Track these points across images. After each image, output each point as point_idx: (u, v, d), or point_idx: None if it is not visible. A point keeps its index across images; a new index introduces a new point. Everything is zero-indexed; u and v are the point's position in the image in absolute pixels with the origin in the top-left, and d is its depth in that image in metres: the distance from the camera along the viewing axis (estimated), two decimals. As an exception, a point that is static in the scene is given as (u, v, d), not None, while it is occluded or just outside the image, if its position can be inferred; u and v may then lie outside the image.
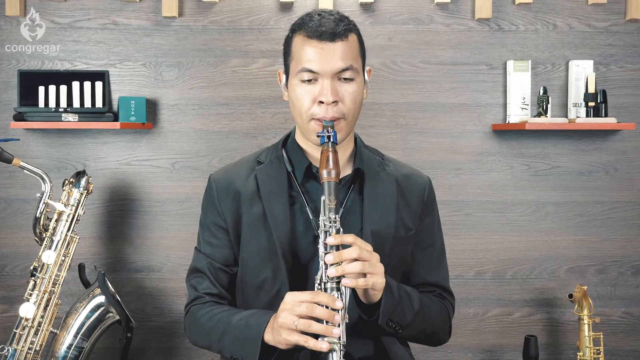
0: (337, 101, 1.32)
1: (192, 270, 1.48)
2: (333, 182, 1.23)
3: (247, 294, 1.43)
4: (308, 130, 1.35)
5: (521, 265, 2.50)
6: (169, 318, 2.49)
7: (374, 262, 1.22)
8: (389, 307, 1.27)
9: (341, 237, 1.20)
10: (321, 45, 1.31)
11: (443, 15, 2.47)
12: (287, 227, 1.36)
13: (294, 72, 1.36)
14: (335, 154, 1.27)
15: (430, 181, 1.53)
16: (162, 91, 2.46)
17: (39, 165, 2.23)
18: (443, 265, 1.53)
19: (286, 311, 1.19)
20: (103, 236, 2.48)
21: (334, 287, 1.18)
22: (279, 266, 1.36)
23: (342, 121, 1.34)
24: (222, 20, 2.46)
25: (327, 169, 1.24)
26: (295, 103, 1.36)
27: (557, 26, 2.47)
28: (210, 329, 1.37)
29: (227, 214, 1.42)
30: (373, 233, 1.37)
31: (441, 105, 2.48)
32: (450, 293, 1.53)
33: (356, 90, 1.34)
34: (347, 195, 1.41)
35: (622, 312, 2.52)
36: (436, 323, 1.43)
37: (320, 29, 1.31)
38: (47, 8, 2.44)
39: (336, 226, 1.21)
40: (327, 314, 1.16)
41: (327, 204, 1.23)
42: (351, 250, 1.19)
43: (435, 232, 1.52)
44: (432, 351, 2.46)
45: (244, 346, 1.29)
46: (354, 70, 1.33)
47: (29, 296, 2.09)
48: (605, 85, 2.45)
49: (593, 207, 2.50)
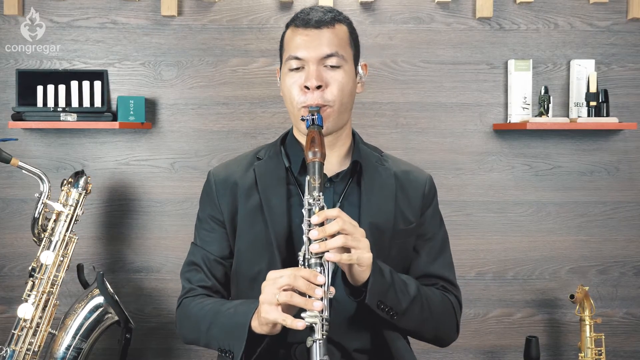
0: (321, 86, 1.32)
1: (187, 264, 1.48)
2: (318, 162, 1.22)
3: (241, 286, 1.42)
4: (298, 119, 1.35)
5: (522, 265, 2.49)
6: (168, 319, 2.48)
7: (358, 236, 1.20)
8: (378, 287, 1.24)
9: (324, 213, 1.19)
10: (307, 32, 1.33)
11: (444, 14, 2.46)
12: (283, 219, 1.36)
13: (283, 63, 1.38)
14: (321, 136, 1.26)
15: (432, 178, 1.52)
16: (161, 91, 2.45)
17: (37, 165, 2.22)
18: (445, 256, 1.50)
19: (268, 286, 1.18)
20: (102, 236, 2.47)
21: (317, 263, 1.17)
22: (273, 258, 1.35)
23: (329, 108, 1.33)
24: (222, 20, 2.45)
25: (312, 150, 1.23)
26: (286, 93, 1.37)
27: (559, 25, 2.46)
28: (199, 320, 1.35)
29: (224, 206, 1.42)
30: (371, 225, 1.36)
31: (442, 104, 2.47)
32: (455, 286, 1.49)
33: (344, 78, 1.34)
34: (345, 187, 1.40)
35: (624, 313, 2.51)
36: (439, 316, 1.39)
37: (307, 17, 1.34)
38: (46, 7, 2.43)
39: (320, 204, 1.20)
40: (308, 287, 1.14)
41: (312, 183, 1.21)
42: (333, 223, 1.17)
43: (436, 225, 1.50)
44: (432, 352, 2.45)
45: (231, 334, 1.27)
46: (341, 58, 1.33)
47: (27, 297, 2.08)
48: (607, 85, 2.44)
49: (594, 208, 2.49)
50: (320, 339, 1.14)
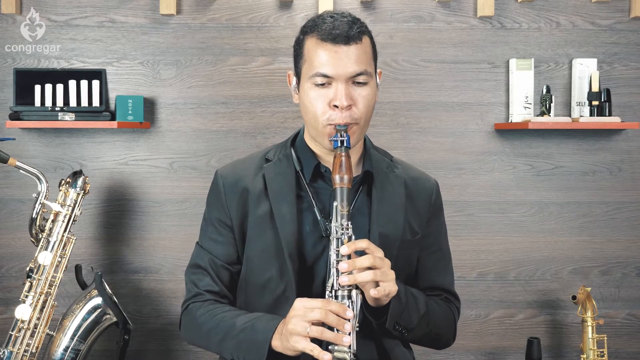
0: (350, 105, 1.30)
1: (192, 266, 1.46)
2: (346, 188, 1.23)
3: (250, 294, 1.41)
4: (323, 135, 1.33)
5: (524, 266, 2.48)
6: (167, 320, 2.46)
7: (386, 270, 1.22)
8: (397, 311, 1.28)
9: (354, 244, 1.20)
10: (335, 49, 1.30)
11: (445, 13, 2.44)
12: (294, 226, 1.35)
13: (306, 76, 1.34)
14: (349, 159, 1.26)
15: (438, 185, 1.53)
16: (160, 90, 2.44)
17: (35, 165, 2.20)
18: (449, 269, 1.54)
19: (297, 317, 1.19)
20: (100, 237, 2.46)
21: (345, 295, 1.19)
22: (285, 266, 1.35)
23: (355, 126, 1.33)
24: (221, 18, 2.43)
25: (340, 174, 1.23)
26: (309, 107, 1.34)
27: (561, 24, 2.44)
28: (211, 330, 1.35)
29: (233, 211, 1.41)
30: (381, 235, 1.37)
31: (443, 104, 2.45)
32: (456, 297, 1.54)
33: (369, 94, 1.33)
34: (355, 196, 1.40)
35: (626, 313, 2.50)
36: (441, 326, 1.43)
37: (334, 31, 1.30)
38: (43, 5, 2.42)
39: (348, 233, 1.21)
40: (338, 322, 1.16)
41: (340, 210, 1.22)
42: (364, 258, 1.19)
43: (442, 237, 1.53)
44: (433, 354, 2.44)
45: (249, 350, 1.28)
46: (368, 75, 1.32)
47: (24, 298, 2.07)
48: (609, 84, 2.42)
49: (597, 208, 2.48)
50: None
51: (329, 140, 1.31)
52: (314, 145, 1.41)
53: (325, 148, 1.36)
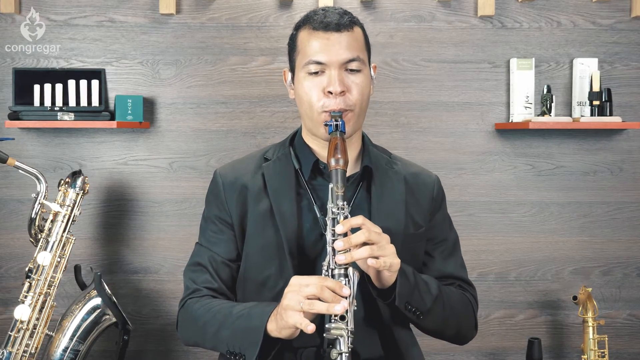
0: (344, 91, 1.32)
1: (192, 264, 1.45)
2: (341, 170, 1.23)
3: (248, 291, 1.41)
4: (318, 123, 1.34)
5: (525, 266, 2.48)
6: (167, 320, 2.46)
7: (384, 244, 1.21)
8: (406, 290, 1.26)
9: (349, 221, 1.19)
10: (327, 36, 1.32)
11: (445, 12, 2.44)
12: (294, 223, 1.35)
13: (300, 66, 1.36)
14: (344, 142, 1.27)
15: (439, 179, 1.54)
16: (160, 90, 2.43)
17: (34, 165, 2.20)
18: (457, 256, 1.52)
19: (292, 292, 1.18)
20: (99, 237, 2.45)
21: (341, 274, 1.18)
22: (284, 263, 1.34)
23: (350, 113, 1.34)
24: (221, 18, 2.43)
25: (335, 157, 1.24)
26: (304, 97, 1.35)
27: (561, 23, 2.44)
28: (207, 322, 1.34)
29: (232, 208, 1.41)
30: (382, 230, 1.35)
31: (443, 104, 2.45)
32: (470, 284, 1.51)
33: (363, 81, 1.35)
34: (355, 192, 1.40)
35: (627, 314, 2.49)
36: (459, 312, 1.41)
37: (325, 19, 1.33)
38: (43, 5, 2.41)
39: (344, 213, 1.21)
40: (333, 298, 1.15)
41: (335, 191, 1.22)
42: (359, 234, 1.18)
43: (446, 228, 1.52)
44: (434, 354, 2.44)
45: (244, 337, 1.26)
46: (361, 62, 1.34)
47: (24, 298, 2.06)
48: (610, 84, 2.42)
49: (598, 208, 2.47)
50: (346, 351, 1.14)
51: (324, 125, 1.32)
52: (312, 141, 1.42)
53: (322, 138, 1.36)
